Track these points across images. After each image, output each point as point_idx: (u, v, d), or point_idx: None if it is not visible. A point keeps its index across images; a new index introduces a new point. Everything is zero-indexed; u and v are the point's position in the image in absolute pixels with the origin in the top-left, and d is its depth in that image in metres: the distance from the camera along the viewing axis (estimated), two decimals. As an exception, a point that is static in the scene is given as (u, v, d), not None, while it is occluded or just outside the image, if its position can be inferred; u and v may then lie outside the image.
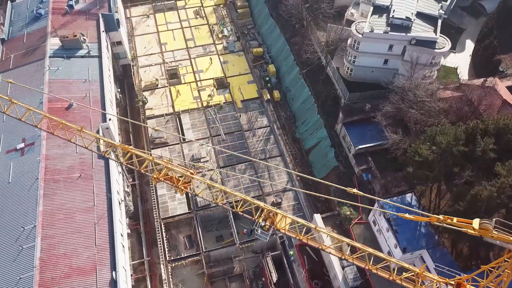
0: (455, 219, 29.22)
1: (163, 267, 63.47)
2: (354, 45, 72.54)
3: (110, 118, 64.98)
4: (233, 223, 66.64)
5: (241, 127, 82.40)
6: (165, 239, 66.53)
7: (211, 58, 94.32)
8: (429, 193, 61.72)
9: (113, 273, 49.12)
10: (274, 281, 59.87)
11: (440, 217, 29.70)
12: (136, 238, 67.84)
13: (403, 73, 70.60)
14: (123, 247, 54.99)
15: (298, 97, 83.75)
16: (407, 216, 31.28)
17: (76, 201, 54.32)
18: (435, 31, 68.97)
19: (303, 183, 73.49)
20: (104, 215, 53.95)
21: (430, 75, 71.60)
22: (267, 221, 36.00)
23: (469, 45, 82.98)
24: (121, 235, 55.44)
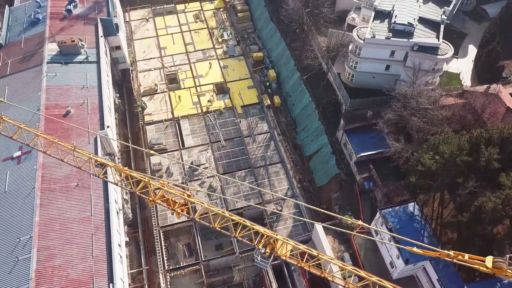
0: (466, 255, 27.99)
1: (162, 277, 62.63)
2: (356, 50, 71.68)
3: (108, 126, 64.21)
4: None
5: (241, 133, 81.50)
6: (164, 247, 65.69)
7: (210, 63, 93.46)
8: (431, 202, 60.82)
9: (111, 285, 48.33)
10: (274, 291, 59.14)
11: (450, 253, 28.49)
12: (135, 246, 66.91)
13: (405, 79, 69.63)
14: (120, 258, 54.14)
15: (299, 103, 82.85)
16: (415, 250, 30.11)
17: (73, 211, 53.54)
18: (437, 37, 67.99)
19: (303, 191, 72.59)
20: (102, 225, 53.18)
21: (432, 81, 70.73)
22: (267, 248, 34.17)
23: (472, 50, 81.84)
24: (119, 245, 54.59)
